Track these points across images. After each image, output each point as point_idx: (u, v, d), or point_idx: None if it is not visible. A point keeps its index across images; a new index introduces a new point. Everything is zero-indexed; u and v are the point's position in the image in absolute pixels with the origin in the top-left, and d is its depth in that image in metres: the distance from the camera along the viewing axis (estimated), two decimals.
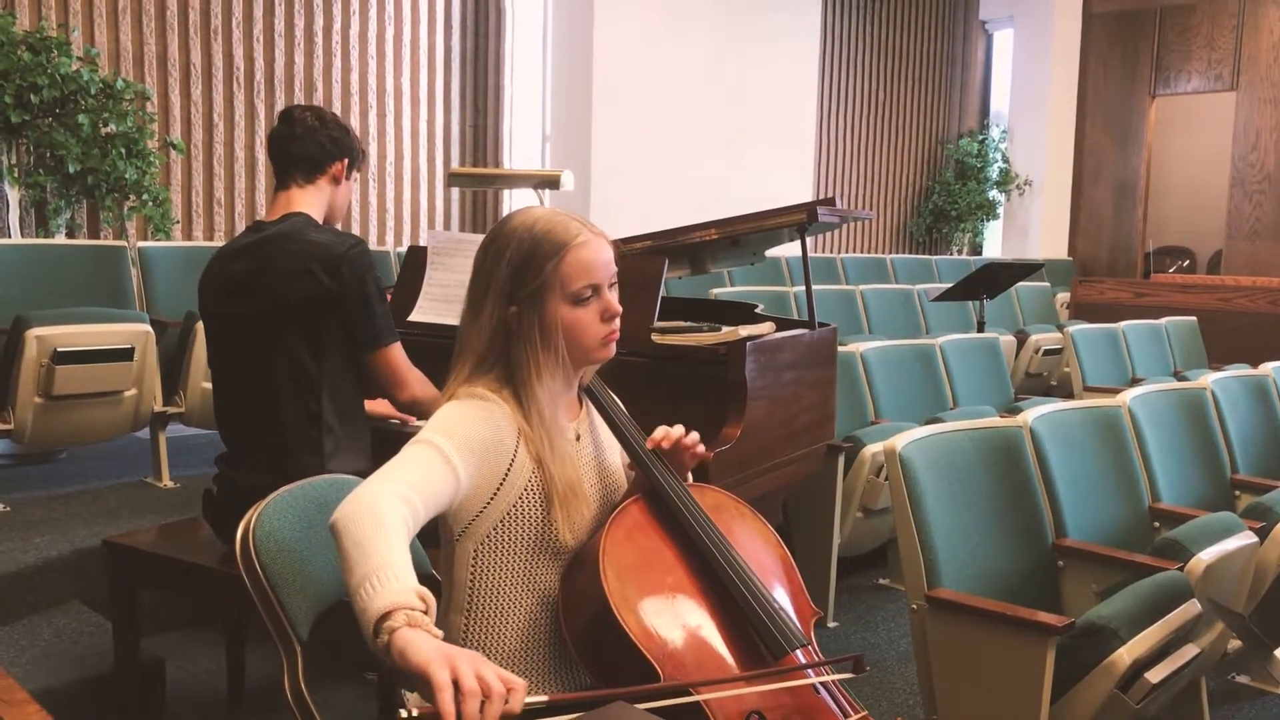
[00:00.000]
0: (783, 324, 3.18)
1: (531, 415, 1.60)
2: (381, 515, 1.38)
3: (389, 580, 1.31)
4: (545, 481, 1.60)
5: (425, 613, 1.30)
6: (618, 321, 1.66)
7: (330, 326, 2.42)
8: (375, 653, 1.30)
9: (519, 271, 1.58)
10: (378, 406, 2.67)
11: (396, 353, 2.48)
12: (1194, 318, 6.46)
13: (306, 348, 2.41)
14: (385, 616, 1.28)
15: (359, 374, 2.52)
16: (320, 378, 2.43)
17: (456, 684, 1.21)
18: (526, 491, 1.60)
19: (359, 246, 2.45)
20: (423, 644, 1.25)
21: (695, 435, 1.72)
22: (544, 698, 1.36)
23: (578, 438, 1.71)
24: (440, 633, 1.29)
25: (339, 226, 2.66)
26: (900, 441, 2.31)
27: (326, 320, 2.41)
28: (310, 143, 2.53)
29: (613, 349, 1.68)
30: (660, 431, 1.70)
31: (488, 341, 1.60)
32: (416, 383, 2.49)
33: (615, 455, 1.79)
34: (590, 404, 1.77)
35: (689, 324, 2.97)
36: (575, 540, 1.64)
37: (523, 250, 1.58)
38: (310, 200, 2.54)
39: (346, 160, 2.58)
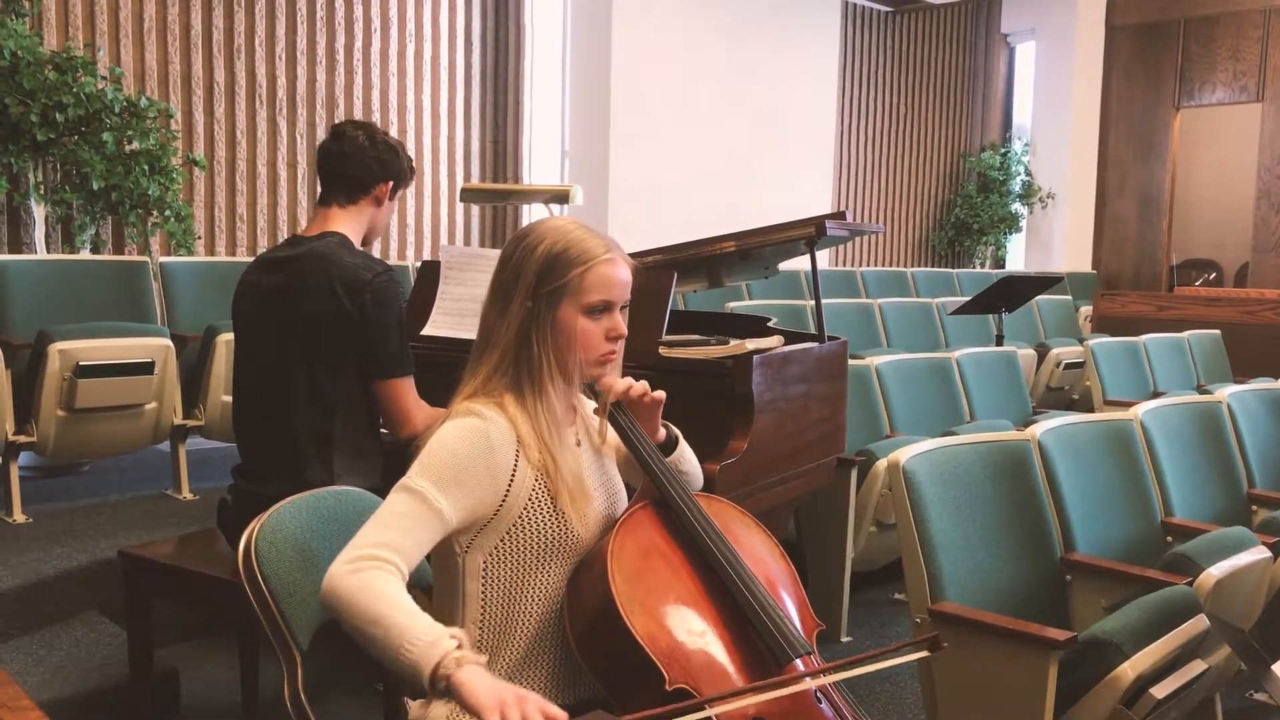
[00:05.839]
0: (793, 337, 3.18)
1: (540, 412, 1.64)
2: (376, 588, 1.47)
3: (418, 639, 1.43)
4: (553, 478, 1.63)
5: (460, 646, 1.43)
6: (621, 345, 1.70)
7: (348, 349, 2.43)
8: (440, 695, 1.45)
9: (547, 269, 1.64)
10: None
11: (405, 387, 2.46)
12: (1217, 331, 6.39)
13: (325, 367, 2.44)
14: (435, 670, 1.41)
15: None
16: (336, 397, 2.45)
17: None
18: (532, 500, 1.63)
19: (386, 275, 2.46)
20: (475, 687, 1.39)
21: (643, 384, 1.75)
22: None
23: (578, 443, 1.75)
24: (484, 658, 1.45)
25: (375, 245, 2.66)
26: (904, 455, 2.31)
27: (345, 343, 2.43)
28: (357, 163, 2.53)
29: (608, 370, 1.72)
30: (623, 384, 1.73)
31: (515, 333, 1.65)
32: (423, 420, 2.44)
33: (612, 462, 1.82)
34: (582, 414, 1.80)
35: (697, 337, 2.99)
36: (587, 533, 1.67)
37: (555, 250, 1.64)
38: (349, 221, 2.56)
39: (392, 183, 2.59)
